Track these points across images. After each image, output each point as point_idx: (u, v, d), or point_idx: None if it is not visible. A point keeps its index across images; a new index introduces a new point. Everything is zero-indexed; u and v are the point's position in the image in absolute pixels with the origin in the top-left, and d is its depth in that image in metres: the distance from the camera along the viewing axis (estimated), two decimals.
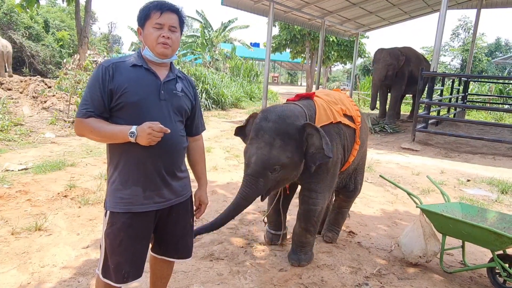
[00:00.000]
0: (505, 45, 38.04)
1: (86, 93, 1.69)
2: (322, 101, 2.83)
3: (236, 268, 2.85)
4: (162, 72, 1.80)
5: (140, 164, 1.71)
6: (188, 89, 1.89)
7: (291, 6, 12.90)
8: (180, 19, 1.79)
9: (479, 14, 13.70)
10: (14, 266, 2.71)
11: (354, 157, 2.99)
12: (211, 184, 4.79)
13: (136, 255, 1.78)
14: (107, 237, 1.74)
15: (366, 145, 3.32)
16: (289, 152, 2.43)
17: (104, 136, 1.67)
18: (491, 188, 5.37)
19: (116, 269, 1.74)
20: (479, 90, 17.54)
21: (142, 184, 1.73)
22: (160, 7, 1.73)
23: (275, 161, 2.40)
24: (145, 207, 1.75)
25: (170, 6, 1.76)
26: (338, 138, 2.77)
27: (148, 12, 1.73)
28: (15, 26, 17.45)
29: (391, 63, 10.22)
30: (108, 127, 1.66)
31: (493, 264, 2.71)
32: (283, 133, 2.43)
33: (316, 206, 2.78)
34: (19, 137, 6.58)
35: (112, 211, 1.73)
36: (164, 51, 1.74)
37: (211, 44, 19.97)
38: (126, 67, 1.73)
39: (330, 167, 2.73)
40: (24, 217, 3.49)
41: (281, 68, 47.68)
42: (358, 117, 3.01)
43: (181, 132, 1.84)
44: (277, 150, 2.40)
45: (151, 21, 1.73)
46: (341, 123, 2.81)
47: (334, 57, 23.38)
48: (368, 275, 2.85)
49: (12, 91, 9.08)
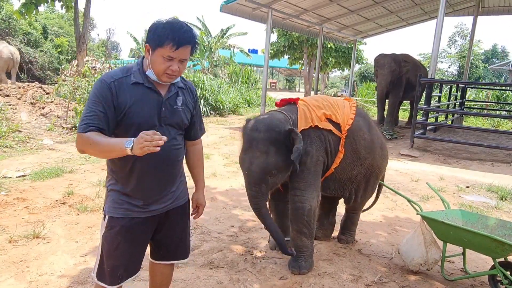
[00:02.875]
0: (502, 51, 38.35)
1: (87, 108, 1.63)
2: (305, 106, 2.93)
3: (236, 276, 2.82)
4: (164, 87, 1.76)
5: (140, 177, 1.73)
6: (188, 100, 1.87)
7: (289, 13, 12.97)
8: (192, 49, 1.69)
9: (476, 21, 13.80)
10: (12, 275, 2.68)
11: (336, 165, 2.96)
12: (211, 191, 4.77)
13: (132, 259, 1.80)
14: (104, 241, 1.76)
15: (372, 161, 3.14)
16: (283, 156, 2.65)
17: (103, 149, 1.59)
18: (490, 194, 5.37)
19: (112, 273, 1.76)
20: (476, 96, 17.62)
21: (141, 196, 1.76)
22: (178, 41, 1.60)
23: (272, 167, 2.64)
24: (144, 214, 1.77)
25: (187, 40, 1.64)
26: (318, 141, 2.85)
27: (162, 41, 1.61)
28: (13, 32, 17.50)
29: (395, 69, 10.26)
30: (106, 140, 1.58)
31: (494, 272, 2.70)
32: (274, 141, 2.65)
33: (302, 203, 2.79)
34: (17, 144, 6.55)
35: (111, 215, 1.75)
36: (169, 80, 1.71)
37: (209, 51, 20.03)
38: (128, 85, 1.68)
39: (310, 166, 2.81)
40: (21, 225, 3.46)
41: (279, 74, 47.80)
42: (346, 125, 2.95)
43: (178, 145, 1.84)
44: (273, 156, 2.63)
45: (163, 51, 1.62)
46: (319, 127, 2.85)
47: (332, 63, 23.49)
48: (369, 283, 2.83)
49: (10, 97, 9.04)
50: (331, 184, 3.09)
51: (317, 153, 2.83)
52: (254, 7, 11.60)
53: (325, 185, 3.07)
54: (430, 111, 9.11)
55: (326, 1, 12.47)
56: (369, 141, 3.11)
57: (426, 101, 8.76)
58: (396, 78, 10.32)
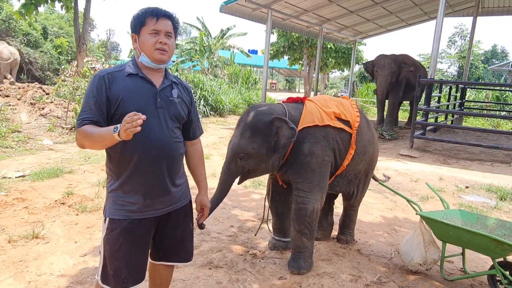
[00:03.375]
0: (501, 52, 38.35)
1: (83, 104, 1.70)
2: (313, 104, 2.92)
3: (235, 276, 2.82)
4: (157, 79, 1.80)
5: (140, 172, 1.72)
6: (184, 95, 1.89)
7: (289, 13, 12.99)
8: (174, 25, 1.80)
9: (475, 22, 13.81)
10: (11, 275, 2.68)
11: (348, 161, 2.98)
12: (210, 191, 4.74)
13: (135, 260, 1.78)
14: (106, 243, 1.75)
15: (372, 155, 3.22)
16: (256, 144, 2.68)
17: (96, 139, 1.62)
18: (490, 194, 5.37)
19: (115, 274, 1.74)
20: (476, 97, 17.63)
21: (142, 193, 1.73)
22: (156, 13, 1.74)
23: (240, 150, 2.69)
24: (145, 214, 1.76)
25: (165, 12, 1.78)
26: (324, 141, 2.82)
27: (143, 19, 1.74)
28: (13, 33, 17.49)
29: (395, 70, 10.29)
30: (98, 130, 1.61)
31: (493, 272, 2.70)
32: (252, 126, 2.71)
33: (305, 205, 2.79)
34: (16, 144, 6.55)
35: (111, 217, 1.73)
36: (162, 57, 1.75)
37: (209, 51, 20.04)
38: (122, 77, 1.73)
39: (314, 167, 2.79)
40: (21, 225, 3.46)
41: (279, 75, 47.82)
42: (356, 122, 3.00)
43: (177, 138, 1.84)
44: (245, 140, 2.69)
45: (147, 28, 1.73)
46: (329, 126, 2.85)
47: (331, 64, 23.52)
48: (369, 283, 2.83)
49: (10, 98, 9.05)
50: (341, 181, 3.11)
51: (322, 154, 2.81)
52: (253, 7, 11.62)
53: (335, 183, 3.09)
54: (429, 112, 9.11)
55: (326, 2, 12.49)
56: (371, 135, 3.19)
57: (425, 102, 8.76)
58: (396, 79, 10.35)
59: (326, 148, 2.83)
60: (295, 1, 11.99)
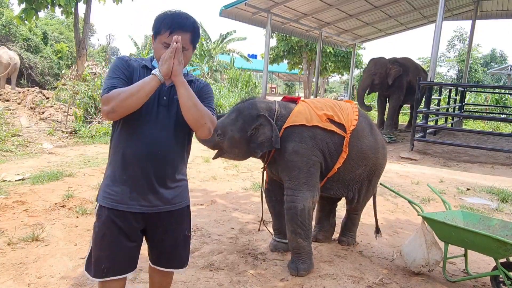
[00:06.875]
0: (500, 56, 38.54)
1: (105, 79, 1.69)
2: (305, 105, 2.96)
3: (236, 278, 2.80)
4: None
5: (128, 164, 1.72)
6: None
7: (288, 17, 13.03)
8: (192, 36, 1.71)
9: (474, 25, 13.87)
10: (11, 277, 2.66)
11: (340, 165, 2.94)
12: (211, 194, 4.76)
13: (117, 252, 1.75)
14: (94, 230, 1.78)
15: (375, 161, 3.13)
16: (233, 127, 2.86)
17: (132, 91, 1.59)
18: (491, 197, 5.36)
19: (96, 263, 1.75)
20: (475, 100, 17.67)
21: (129, 185, 1.72)
22: (170, 26, 1.65)
23: (219, 126, 2.85)
24: (129, 207, 1.73)
25: (182, 26, 1.66)
26: (311, 141, 2.85)
27: (159, 28, 1.68)
28: (13, 38, 17.51)
29: (375, 73, 10.39)
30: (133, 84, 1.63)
31: (496, 273, 2.68)
32: (240, 112, 2.90)
33: (294, 203, 2.79)
34: (16, 148, 6.54)
35: (100, 204, 1.76)
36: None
37: (209, 56, 20.08)
38: (138, 67, 1.75)
39: (300, 165, 2.82)
40: (21, 228, 3.44)
41: (278, 79, 47.88)
42: (351, 126, 2.96)
43: (176, 139, 1.77)
44: (226, 120, 2.90)
45: (161, 38, 1.68)
46: (318, 127, 2.86)
47: (331, 68, 23.54)
48: (371, 284, 2.81)
49: (10, 102, 9.07)
50: (335, 184, 3.07)
51: (308, 153, 2.83)
52: (253, 11, 11.65)
53: (328, 186, 3.06)
54: (430, 114, 9.12)
55: (325, 6, 12.54)
56: (372, 141, 3.12)
57: (425, 104, 8.77)
58: (383, 81, 10.38)
59: (313, 148, 2.84)
60: (295, 5, 12.04)
